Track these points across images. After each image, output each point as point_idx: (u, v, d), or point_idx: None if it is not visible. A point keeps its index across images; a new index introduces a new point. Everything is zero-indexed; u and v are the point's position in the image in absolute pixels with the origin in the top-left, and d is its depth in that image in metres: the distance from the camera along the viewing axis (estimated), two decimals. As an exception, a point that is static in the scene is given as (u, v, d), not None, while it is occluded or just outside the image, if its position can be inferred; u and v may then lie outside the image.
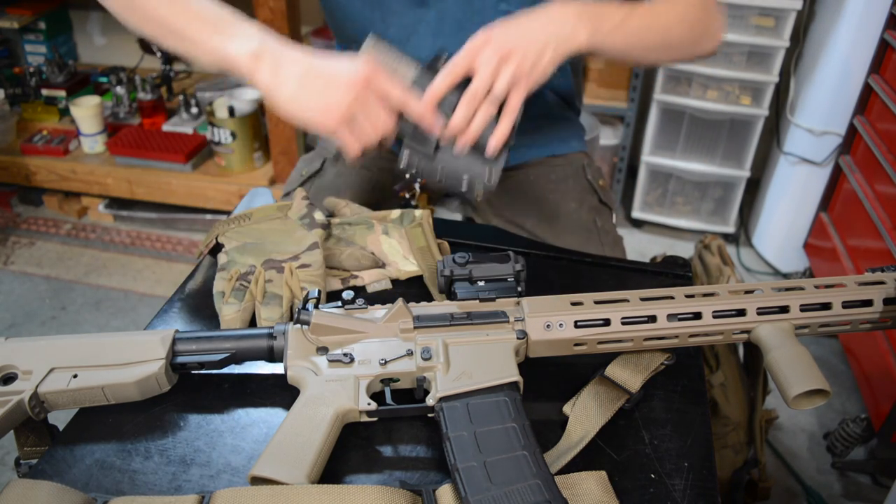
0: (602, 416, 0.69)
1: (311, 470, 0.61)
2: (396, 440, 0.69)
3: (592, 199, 1.15)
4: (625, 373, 0.72)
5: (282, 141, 2.31)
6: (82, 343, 0.70)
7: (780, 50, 2.07)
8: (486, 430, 0.63)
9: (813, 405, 0.64)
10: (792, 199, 2.22)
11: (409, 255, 0.90)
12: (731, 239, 2.44)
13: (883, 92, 1.70)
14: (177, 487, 0.64)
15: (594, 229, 1.10)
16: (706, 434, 0.71)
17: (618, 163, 2.41)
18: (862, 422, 1.57)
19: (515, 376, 0.67)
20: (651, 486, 0.65)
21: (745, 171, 2.28)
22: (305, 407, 0.66)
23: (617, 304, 0.70)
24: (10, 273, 2.26)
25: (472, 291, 0.73)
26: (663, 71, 2.20)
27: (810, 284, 0.71)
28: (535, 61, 0.82)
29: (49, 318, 2.08)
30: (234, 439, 0.68)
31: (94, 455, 0.66)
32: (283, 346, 0.70)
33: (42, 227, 2.49)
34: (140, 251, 2.38)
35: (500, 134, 0.84)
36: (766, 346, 0.68)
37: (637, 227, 2.53)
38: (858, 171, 1.83)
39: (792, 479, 1.63)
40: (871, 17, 1.85)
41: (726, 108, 2.18)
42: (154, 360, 0.69)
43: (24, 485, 0.58)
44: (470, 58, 0.82)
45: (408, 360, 0.69)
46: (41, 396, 0.67)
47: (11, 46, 2.67)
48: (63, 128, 2.54)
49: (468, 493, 0.58)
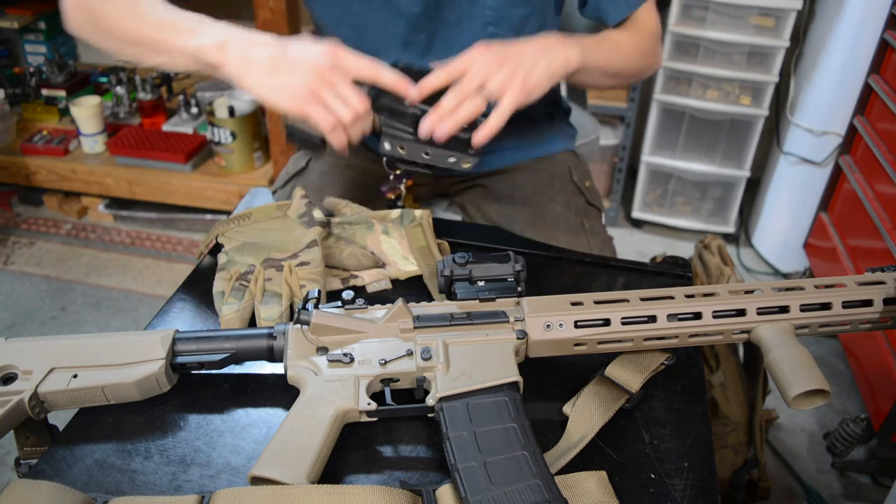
0: (602, 416, 0.69)
1: (311, 470, 0.61)
2: (396, 440, 0.69)
3: (579, 202, 1.15)
4: (625, 373, 0.72)
5: (282, 141, 2.31)
6: (82, 343, 0.70)
7: (780, 50, 2.07)
8: (486, 430, 0.63)
9: (813, 405, 0.64)
10: (792, 199, 2.22)
11: (409, 255, 0.90)
12: (731, 239, 2.44)
13: (883, 92, 1.70)
14: (177, 487, 0.64)
15: (582, 231, 1.11)
16: (706, 434, 0.71)
17: (618, 163, 2.41)
18: (862, 422, 1.57)
19: (515, 376, 0.67)
20: (651, 486, 0.65)
21: (745, 171, 2.28)
22: (305, 407, 0.66)
23: (617, 304, 0.70)
24: (10, 273, 2.26)
25: (472, 291, 0.73)
26: (663, 71, 2.20)
27: (810, 284, 0.71)
28: (527, 72, 0.85)
29: (49, 318, 2.08)
30: (234, 439, 0.68)
31: (94, 455, 0.66)
32: (283, 346, 0.70)
33: (42, 227, 2.49)
34: (140, 251, 2.38)
35: (489, 128, 0.85)
36: (766, 346, 0.68)
37: (637, 227, 2.53)
38: (858, 171, 1.83)
39: (792, 479, 1.63)
40: (871, 17, 1.85)
41: (726, 108, 2.18)
42: (154, 360, 0.69)
43: (24, 485, 0.58)
44: (467, 62, 0.84)
45: (408, 360, 0.69)
46: (41, 396, 0.67)
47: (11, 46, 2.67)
48: (63, 128, 2.54)
49: (468, 493, 0.58)
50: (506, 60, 0.84)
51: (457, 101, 0.83)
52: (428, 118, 0.84)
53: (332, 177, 1.15)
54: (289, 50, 0.81)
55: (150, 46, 0.86)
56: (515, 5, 0.99)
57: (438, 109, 0.84)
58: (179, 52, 0.84)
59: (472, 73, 0.84)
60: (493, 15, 0.99)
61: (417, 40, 1.02)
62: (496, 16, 0.99)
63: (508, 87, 0.84)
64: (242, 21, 1.09)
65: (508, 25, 1.01)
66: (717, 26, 2.09)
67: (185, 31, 0.84)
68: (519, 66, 0.85)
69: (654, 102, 2.26)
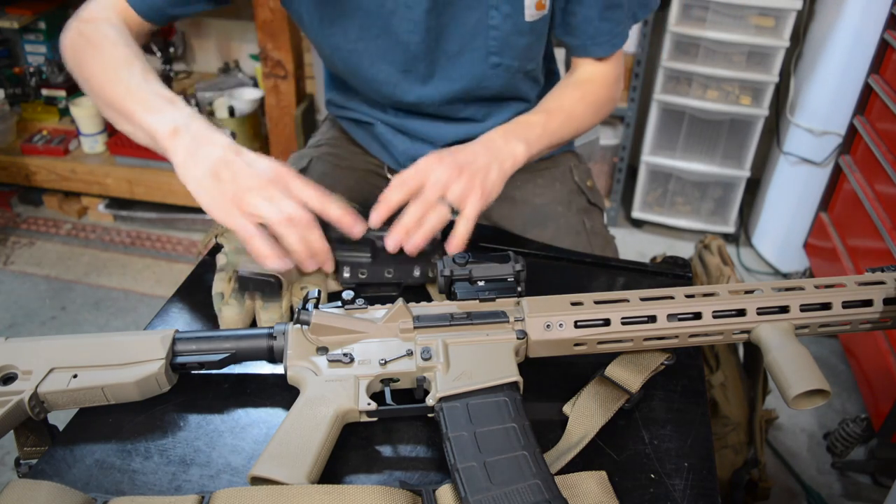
0: (602, 416, 0.69)
1: (311, 470, 0.61)
2: (396, 440, 0.69)
3: (580, 201, 1.15)
4: (625, 373, 0.72)
5: (282, 141, 2.31)
6: (82, 343, 0.70)
7: (780, 50, 2.07)
8: (486, 430, 0.63)
9: (813, 405, 0.64)
10: (792, 199, 2.22)
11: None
12: (731, 239, 2.44)
13: (883, 92, 1.70)
14: (177, 487, 0.64)
15: (583, 231, 1.11)
16: (706, 434, 0.71)
17: (618, 163, 2.41)
18: (862, 422, 1.57)
19: (515, 376, 0.67)
20: (651, 486, 0.65)
21: (745, 171, 2.28)
22: (305, 407, 0.66)
23: (617, 304, 0.70)
24: (10, 273, 2.26)
25: (472, 291, 0.73)
26: (663, 71, 2.20)
27: (810, 284, 0.71)
28: (483, 178, 0.86)
29: (49, 318, 2.08)
30: (234, 439, 0.68)
31: (94, 455, 0.66)
32: (283, 346, 0.70)
33: (42, 227, 2.49)
34: (140, 251, 2.38)
35: (460, 238, 0.83)
36: (766, 346, 0.68)
37: (637, 227, 2.53)
38: (858, 171, 1.83)
39: (792, 479, 1.63)
40: (871, 17, 1.85)
41: (726, 108, 2.18)
42: (154, 360, 0.69)
43: (24, 485, 0.58)
44: (422, 173, 0.83)
45: (408, 360, 0.69)
46: (41, 396, 0.67)
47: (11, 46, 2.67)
48: (63, 128, 2.54)
49: (468, 493, 0.58)
50: (462, 169, 0.84)
51: (421, 212, 0.82)
52: (393, 234, 0.81)
53: (334, 178, 1.15)
54: (237, 158, 0.78)
55: (119, 111, 0.84)
56: (521, 34, 0.97)
57: (403, 223, 0.81)
58: (139, 125, 0.83)
59: (430, 184, 0.82)
60: (497, 45, 0.97)
61: (416, 69, 1.00)
62: (500, 45, 0.98)
63: (469, 194, 0.83)
64: (242, 21, 1.07)
65: (513, 55, 0.99)
66: (717, 26, 2.09)
67: (148, 108, 0.82)
68: (475, 172, 0.85)
69: (654, 102, 2.26)
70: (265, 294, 0.79)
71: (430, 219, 0.82)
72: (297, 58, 2.25)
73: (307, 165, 1.17)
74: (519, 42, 0.98)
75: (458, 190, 0.83)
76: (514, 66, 1.00)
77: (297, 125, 2.30)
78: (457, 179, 0.83)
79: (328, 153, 1.19)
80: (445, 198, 0.83)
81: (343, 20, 0.97)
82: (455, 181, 0.83)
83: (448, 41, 0.98)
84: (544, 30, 1.01)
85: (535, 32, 0.99)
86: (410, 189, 0.83)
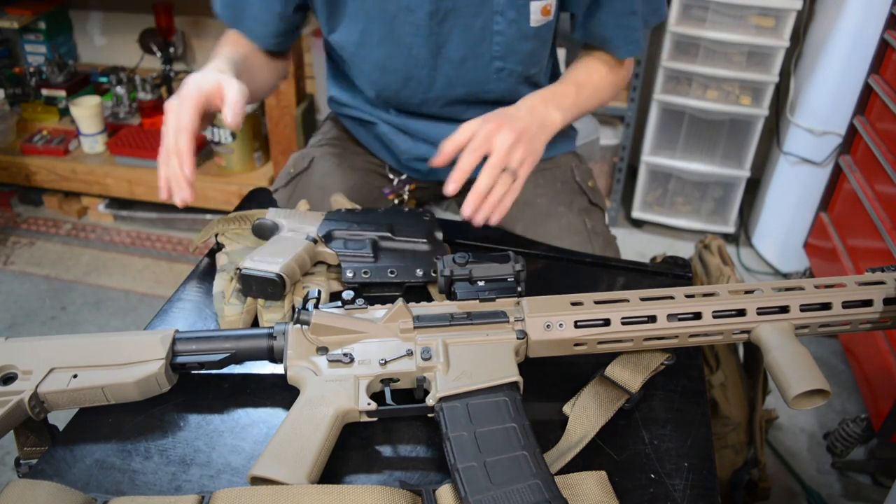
0: (602, 416, 0.69)
1: (311, 470, 0.61)
2: (396, 440, 0.69)
3: (582, 201, 1.15)
4: (625, 373, 0.72)
5: (282, 141, 2.31)
6: (82, 343, 0.70)
7: (780, 50, 2.07)
8: (486, 430, 0.63)
9: (813, 405, 0.64)
10: (792, 199, 2.22)
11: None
12: (731, 239, 2.44)
13: (883, 92, 1.70)
14: (177, 487, 0.64)
15: (584, 231, 1.11)
16: (706, 434, 0.71)
17: (618, 163, 2.41)
18: (862, 422, 1.57)
19: (515, 376, 0.67)
20: (651, 486, 0.65)
21: (745, 171, 2.28)
22: (305, 407, 0.66)
23: (617, 304, 0.70)
24: (10, 273, 2.26)
25: (472, 291, 0.73)
26: (663, 71, 2.20)
27: (810, 284, 0.71)
28: (535, 144, 0.90)
29: (49, 318, 2.08)
30: (234, 439, 0.68)
31: (94, 455, 0.66)
32: (283, 346, 0.70)
33: (42, 227, 2.49)
34: (140, 251, 2.38)
35: (504, 207, 0.87)
36: (766, 346, 0.68)
37: (637, 227, 2.53)
38: (858, 171, 1.83)
39: (792, 479, 1.63)
40: (871, 17, 1.85)
41: (726, 108, 2.18)
42: (154, 360, 0.69)
43: (24, 485, 0.58)
44: (488, 141, 0.86)
45: (408, 360, 0.69)
46: (41, 396, 0.67)
47: (11, 46, 2.66)
48: (63, 128, 2.54)
49: (468, 493, 0.58)
50: (521, 136, 0.87)
51: (491, 181, 0.85)
52: (471, 201, 0.85)
53: (336, 178, 1.15)
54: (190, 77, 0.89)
55: None
56: (526, 39, 0.98)
57: (475, 191, 0.85)
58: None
59: (495, 154, 0.86)
60: (502, 50, 0.98)
61: (419, 76, 1.01)
62: (505, 51, 0.98)
63: (526, 162, 0.88)
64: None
65: (517, 60, 1.00)
66: (717, 26, 2.09)
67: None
68: (531, 139, 0.89)
69: (654, 102, 2.26)
70: (268, 293, 0.80)
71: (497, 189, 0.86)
72: (297, 58, 2.25)
73: (309, 164, 1.16)
74: (523, 47, 0.99)
75: (518, 157, 0.87)
76: (518, 70, 1.01)
77: (297, 125, 2.30)
78: (517, 146, 0.87)
79: (330, 152, 1.19)
80: (509, 166, 0.86)
81: (347, 23, 0.98)
82: (516, 147, 0.87)
83: (452, 46, 0.98)
84: (549, 35, 1.02)
85: (539, 38, 0.99)
86: (479, 156, 0.86)
